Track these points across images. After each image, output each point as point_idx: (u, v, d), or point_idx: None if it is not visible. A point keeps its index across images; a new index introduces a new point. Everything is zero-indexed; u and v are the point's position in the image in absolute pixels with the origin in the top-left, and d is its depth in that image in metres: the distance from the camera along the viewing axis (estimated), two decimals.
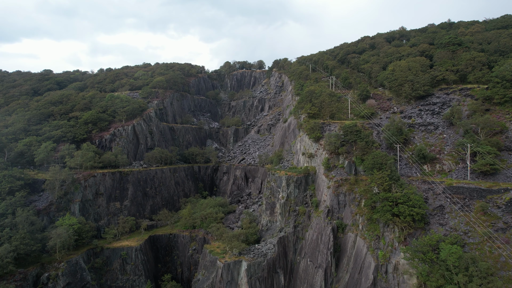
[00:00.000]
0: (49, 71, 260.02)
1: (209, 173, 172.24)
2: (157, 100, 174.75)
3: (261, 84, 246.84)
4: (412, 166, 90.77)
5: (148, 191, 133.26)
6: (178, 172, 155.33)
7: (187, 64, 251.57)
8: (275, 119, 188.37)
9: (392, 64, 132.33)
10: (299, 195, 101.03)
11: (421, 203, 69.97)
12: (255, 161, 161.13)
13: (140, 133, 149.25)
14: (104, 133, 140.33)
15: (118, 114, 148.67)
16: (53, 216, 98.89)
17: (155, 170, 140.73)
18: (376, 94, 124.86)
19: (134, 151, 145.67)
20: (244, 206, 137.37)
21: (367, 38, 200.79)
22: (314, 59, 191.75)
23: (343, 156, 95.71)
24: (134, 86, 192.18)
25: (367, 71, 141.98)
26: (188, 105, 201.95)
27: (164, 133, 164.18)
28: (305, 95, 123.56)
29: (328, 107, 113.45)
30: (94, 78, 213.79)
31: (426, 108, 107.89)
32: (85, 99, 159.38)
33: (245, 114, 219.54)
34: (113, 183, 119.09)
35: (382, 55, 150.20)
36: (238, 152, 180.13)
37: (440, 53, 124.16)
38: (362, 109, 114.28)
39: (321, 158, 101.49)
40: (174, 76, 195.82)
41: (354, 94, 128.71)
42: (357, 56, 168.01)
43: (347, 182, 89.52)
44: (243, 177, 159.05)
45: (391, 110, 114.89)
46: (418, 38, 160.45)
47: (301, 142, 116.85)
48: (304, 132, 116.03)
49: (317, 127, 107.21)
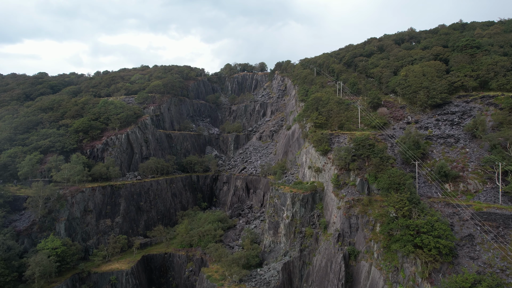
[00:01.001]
0: (44, 74, 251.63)
1: (208, 182, 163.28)
2: (154, 106, 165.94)
3: (263, 88, 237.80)
4: (431, 184, 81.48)
5: (142, 205, 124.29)
6: (175, 183, 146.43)
7: (186, 66, 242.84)
8: (277, 125, 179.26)
9: (405, 68, 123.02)
10: (306, 214, 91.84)
11: (448, 233, 60.70)
12: (256, 171, 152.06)
13: (135, 142, 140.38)
14: (96, 142, 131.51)
15: (111, 122, 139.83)
16: (35, 238, 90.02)
17: (150, 182, 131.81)
18: (388, 102, 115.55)
19: (128, 161, 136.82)
20: (245, 221, 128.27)
21: (374, 40, 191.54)
22: (318, 62, 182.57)
23: (354, 173, 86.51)
24: (130, 91, 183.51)
25: (377, 76, 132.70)
26: (186, 110, 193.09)
27: (160, 141, 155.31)
28: (311, 103, 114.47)
29: (337, 116, 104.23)
30: (89, 82, 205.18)
31: (444, 117, 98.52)
32: (77, 105, 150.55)
33: (246, 119, 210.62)
34: (104, 198, 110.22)
35: (392, 58, 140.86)
36: (239, 160, 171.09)
37: (457, 57, 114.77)
38: (373, 119, 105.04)
39: (330, 173, 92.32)
40: (172, 80, 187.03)
41: (364, 101, 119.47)
42: (364, 59, 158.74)
43: (360, 203, 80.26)
44: (244, 188, 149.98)
45: (404, 120, 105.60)
46: (429, 40, 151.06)
47: (307, 154, 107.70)
48: (310, 143, 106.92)
49: (325, 139, 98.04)
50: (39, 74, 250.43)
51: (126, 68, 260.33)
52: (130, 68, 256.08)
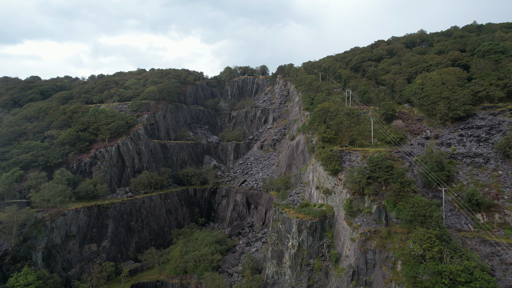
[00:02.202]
0: (36, 78, 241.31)
1: (206, 196, 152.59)
2: (148, 114, 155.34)
3: (264, 92, 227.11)
4: (459, 213, 70.71)
5: (133, 225, 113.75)
6: (170, 198, 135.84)
7: (184, 70, 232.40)
8: (280, 134, 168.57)
9: (420, 76, 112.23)
10: (314, 244, 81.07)
11: (494, 285, 49.91)
12: (258, 185, 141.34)
13: (126, 154, 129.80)
14: (83, 156, 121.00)
15: (101, 133, 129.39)
16: (7, 270, 79.50)
17: (142, 199, 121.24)
18: (403, 113, 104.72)
19: (118, 176, 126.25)
20: (245, 241, 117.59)
21: (382, 42, 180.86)
22: (323, 66, 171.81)
23: (370, 198, 75.76)
24: (123, 97, 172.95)
25: (389, 84, 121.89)
26: (183, 117, 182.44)
27: (154, 152, 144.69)
28: (318, 114, 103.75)
29: (347, 130, 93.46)
30: (82, 87, 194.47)
31: (468, 133, 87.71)
32: (65, 114, 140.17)
33: (247, 126, 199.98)
34: (89, 220, 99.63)
35: (405, 64, 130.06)
36: (239, 171, 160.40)
37: (479, 63, 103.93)
38: (388, 133, 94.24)
39: (341, 197, 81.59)
40: (168, 85, 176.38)
41: (376, 112, 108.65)
42: (373, 64, 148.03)
43: (377, 235, 69.51)
44: (245, 203, 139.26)
45: (423, 134, 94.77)
46: (444, 44, 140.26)
47: (314, 172, 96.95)
48: (317, 160, 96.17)
49: (335, 156, 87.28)
50: (31, 78, 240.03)
51: (122, 71, 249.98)
52: (126, 72, 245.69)
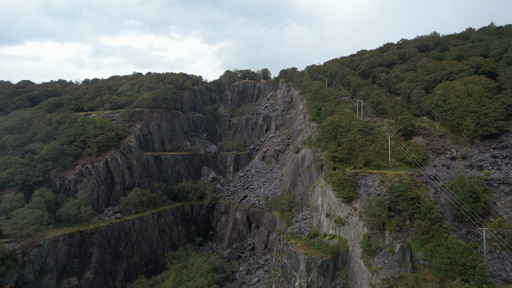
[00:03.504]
0: (28, 82, 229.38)
1: (203, 213, 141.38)
2: (141, 124, 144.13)
3: (266, 98, 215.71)
4: (502, 256, 59.27)
5: (122, 251, 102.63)
6: (164, 216, 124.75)
7: (182, 74, 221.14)
8: (283, 144, 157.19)
9: (441, 85, 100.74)
10: (325, 285, 69.75)
11: None
12: (259, 202, 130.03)
13: (116, 170, 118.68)
14: (67, 173, 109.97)
15: (88, 146, 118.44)
16: None
17: (133, 220, 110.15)
18: (422, 128, 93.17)
19: (107, 194, 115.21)
20: (246, 268, 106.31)
21: (391, 46, 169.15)
22: (330, 72, 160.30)
23: (392, 235, 64.42)
24: (116, 104, 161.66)
25: (404, 93, 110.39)
26: (180, 125, 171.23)
27: (147, 166, 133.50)
28: (327, 129, 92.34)
29: (362, 150, 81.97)
30: (73, 93, 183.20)
31: (503, 153, 76.15)
32: (51, 125, 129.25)
33: (248, 134, 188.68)
34: (70, 249, 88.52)
35: (421, 71, 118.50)
36: (239, 185, 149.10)
37: (510, 71, 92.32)
38: (408, 152, 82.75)
39: (357, 230, 70.25)
40: (164, 92, 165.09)
41: (392, 126, 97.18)
42: (385, 70, 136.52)
43: (403, 283, 58.11)
44: (245, 222, 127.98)
45: (447, 154, 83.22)
46: (461, 48, 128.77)
47: (324, 196, 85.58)
48: (327, 182, 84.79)
49: (348, 181, 75.88)
50: (22, 82, 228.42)
51: (117, 75, 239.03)
52: (121, 76, 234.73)
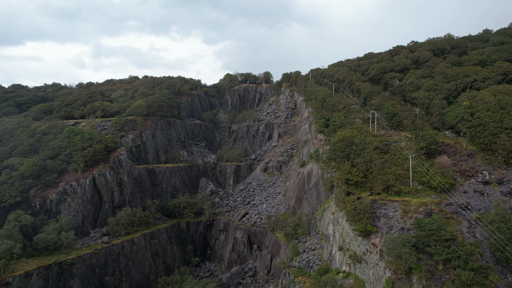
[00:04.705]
0: (19, 86, 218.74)
1: (201, 230, 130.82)
2: (134, 134, 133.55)
3: (268, 103, 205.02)
4: None
5: (108, 280, 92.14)
6: (157, 237, 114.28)
7: (180, 78, 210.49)
8: (287, 155, 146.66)
9: (465, 95, 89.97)
10: None
11: None
12: (261, 220, 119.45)
13: (104, 187, 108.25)
14: (49, 191, 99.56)
15: (74, 161, 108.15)
16: None
17: (122, 244, 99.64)
18: (446, 145, 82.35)
19: (93, 215, 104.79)
20: None
21: (402, 49, 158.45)
22: (337, 77, 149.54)
23: (421, 282, 53.63)
24: (108, 112, 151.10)
25: (423, 104, 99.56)
26: (177, 134, 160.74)
27: (140, 181, 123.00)
28: (339, 147, 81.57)
29: (380, 173, 71.20)
30: (64, 99, 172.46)
31: None
32: (34, 136, 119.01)
33: (249, 142, 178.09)
34: (46, 284, 78.01)
35: (440, 78, 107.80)
36: (239, 199, 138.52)
37: None
38: (432, 175, 71.98)
39: (377, 272, 59.57)
40: (159, 98, 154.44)
41: (411, 141, 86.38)
42: (398, 76, 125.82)
43: None
44: (246, 243, 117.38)
45: (478, 177, 72.42)
46: (483, 52, 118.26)
47: (336, 224, 74.90)
48: (339, 208, 74.15)
49: (366, 211, 65.19)
50: (12, 86, 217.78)
51: (112, 79, 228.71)
52: (116, 80, 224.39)
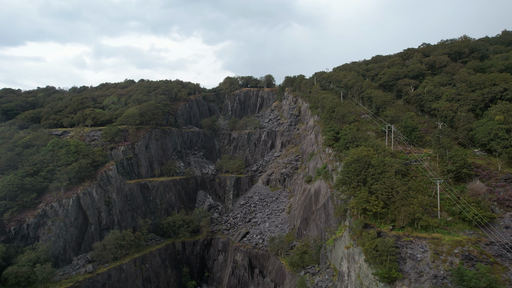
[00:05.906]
0: (8, 91, 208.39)
1: (198, 251, 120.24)
2: (125, 145, 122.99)
3: (271, 108, 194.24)
4: None
5: None
6: (149, 260, 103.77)
7: (178, 82, 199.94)
8: (291, 167, 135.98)
9: (497, 108, 79.15)
10: None
11: None
12: (263, 241, 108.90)
13: (90, 208, 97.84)
14: (27, 214, 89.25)
15: (56, 178, 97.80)
16: None
17: (108, 272, 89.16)
18: (477, 166, 71.47)
19: (77, 239, 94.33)
20: None
21: (415, 52, 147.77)
22: (345, 82, 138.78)
23: None
24: (99, 120, 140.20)
25: (446, 116, 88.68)
26: (173, 143, 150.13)
27: (131, 198, 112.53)
28: (353, 169, 70.82)
29: (405, 204, 60.42)
30: (54, 105, 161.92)
31: None
32: (15, 149, 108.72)
33: (250, 151, 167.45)
34: None
35: (462, 86, 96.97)
36: (239, 216, 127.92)
37: None
38: (465, 204, 61.17)
39: None
40: (154, 105, 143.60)
41: (434, 161, 75.54)
42: (412, 82, 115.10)
43: None
44: (247, 267, 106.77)
45: None
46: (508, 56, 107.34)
47: (351, 261, 64.22)
48: (355, 243, 63.49)
49: (389, 252, 54.46)
50: (2, 91, 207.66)
51: (107, 83, 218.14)
52: (110, 84, 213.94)
